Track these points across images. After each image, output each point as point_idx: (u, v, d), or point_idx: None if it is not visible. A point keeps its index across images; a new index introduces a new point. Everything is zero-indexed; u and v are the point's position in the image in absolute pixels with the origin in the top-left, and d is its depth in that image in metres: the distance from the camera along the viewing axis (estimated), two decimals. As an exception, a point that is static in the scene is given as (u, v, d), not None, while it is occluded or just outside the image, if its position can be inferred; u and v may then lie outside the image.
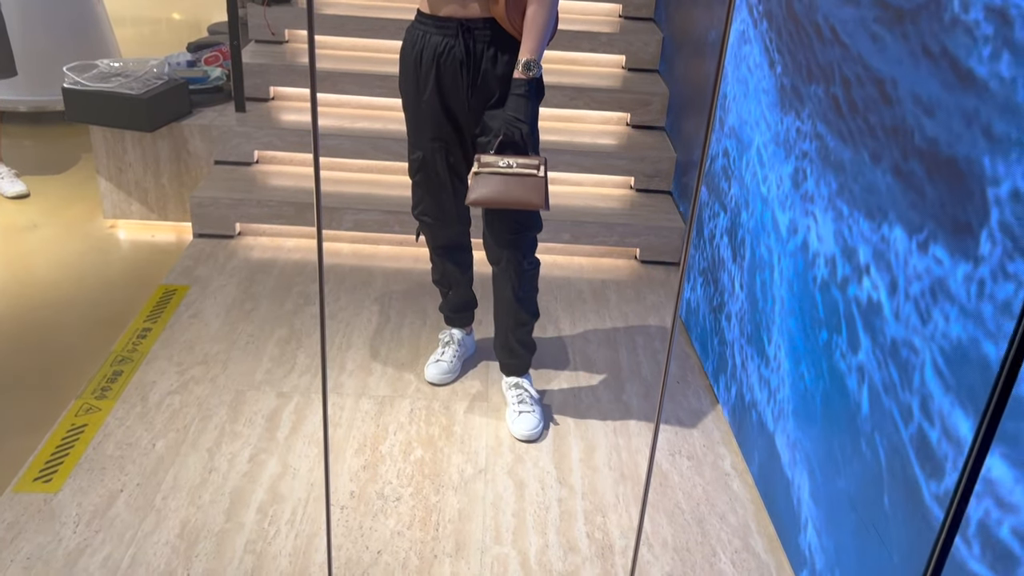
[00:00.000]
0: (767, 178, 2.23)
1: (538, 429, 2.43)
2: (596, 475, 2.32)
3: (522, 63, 2.08)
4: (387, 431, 2.41)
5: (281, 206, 3.41)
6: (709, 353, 2.76)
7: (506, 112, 2.11)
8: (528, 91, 2.10)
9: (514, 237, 2.29)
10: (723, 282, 2.63)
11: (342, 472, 2.25)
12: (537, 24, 2.07)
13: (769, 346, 2.20)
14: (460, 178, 2.32)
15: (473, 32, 2.11)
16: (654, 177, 3.67)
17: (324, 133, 3.61)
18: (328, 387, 2.56)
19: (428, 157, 2.29)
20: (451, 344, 2.69)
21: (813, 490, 1.94)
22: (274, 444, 2.35)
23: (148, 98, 3.42)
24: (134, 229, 3.68)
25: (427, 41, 2.15)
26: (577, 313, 3.09)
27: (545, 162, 2.10)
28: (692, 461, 2.40)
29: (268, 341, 2.79)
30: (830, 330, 1.82)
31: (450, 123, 2.23)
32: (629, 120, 3.92)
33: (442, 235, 2.45)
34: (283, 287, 3.12)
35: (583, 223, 3.42)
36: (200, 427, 2.39)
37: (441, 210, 2.38)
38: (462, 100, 2.19)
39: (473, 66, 2.14)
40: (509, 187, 2.08)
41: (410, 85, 2.23)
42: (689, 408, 2.61)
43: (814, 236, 1.91)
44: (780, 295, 2.11)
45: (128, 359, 2.66)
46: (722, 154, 2.65)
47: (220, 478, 2.21)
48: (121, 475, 2.20)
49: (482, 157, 2.11)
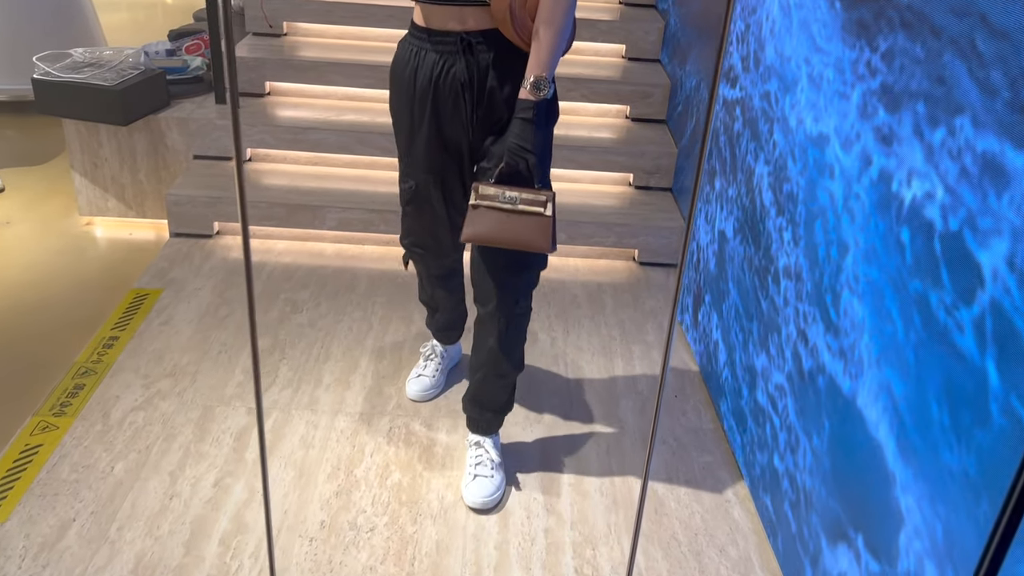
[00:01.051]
0: (821, 117, 1.90)
1: (494, 498, 2.11)
2: (586, 502, 2.16)
3: (529, 81, 1.76)
4: (363, 452, 2.26)
5: (271, 207, 3.24)
6: (710, 362, 2.59)
7: (509, 139, 1.80)
8: (536, 115, 1.77)
9: (511, 278, 1.98)
10: (767, 244, 2.21)
11: (312, 499, 2.10)
12: (548, 33, 1.75)
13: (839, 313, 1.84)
14: (458, 210, 2.03)
15: (475, 48, 1.81)
16: (654, 174, 3.49)
17: (308, 127, 3.44)
18: (303, 403, 2.41)
19: (422, 188, 2.01)
20: (434, 358, 2.50)
21: (822, 512, 1.78)
22: (243, 467, 2.19)
23: (122, 89, 3.25)
24: (111, 226, 3.52)
25: (422, 59, 1.85)
26: (571, 319, 2.92)
27: (553, 198, 1.81)
28: (690, 486, 2.24)
29: (244, 351, 2.63)
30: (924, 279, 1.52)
31: (449, 152, 1.95)
32: (629, 113, 3.74)
33: (435, 265, 2.21)
34: (268, 293, 2.96)
35: (579, 223, 3.25)
36: (163, 447, 2.23)
37: (435, 241, 2.12)
38: (463, 127, 1.90)
39: (476, 88, 1.84)
40: (509, 226, 1.81)
41: (403, 110, 1.94)
42: (687, 426, 2.45)
43: (897, 172, 1.57)
44: (853, 240, 1.75)
45: (92, 371, 2.51)
46: (759, 96, 2.30)
47: (181, 505, 2.06)
48: (75, 502, 2.05)
49: (480, 187, 1.83)
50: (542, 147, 1.84)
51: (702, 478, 2.27)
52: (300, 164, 3.54)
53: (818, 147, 1.87)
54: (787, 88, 2.08)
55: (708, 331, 2.63)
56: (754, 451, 2.19)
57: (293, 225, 3.27)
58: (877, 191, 1.60)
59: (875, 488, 1.55)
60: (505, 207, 1.81)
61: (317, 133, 3.44)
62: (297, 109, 3.61)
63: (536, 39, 1.76)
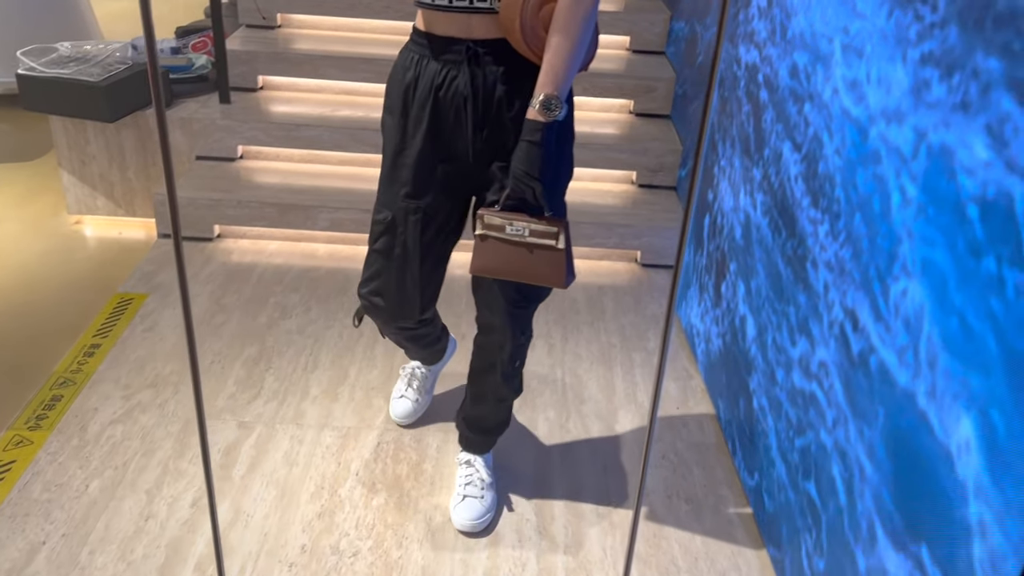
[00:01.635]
0: (864, 92, 1.67)
1: (483, 521, 2.01)
2: (581, 523, 2.07)
3: (538, 100, 1.54)
4: (349, 470, 2.16)
5: (263, 207, 3.14)
6: (735, 339, 2.41)
7: (514, 163, 1.58)
8: (544, 138, 1.55)
9: (515, 311, 1.83)
10: (800, 232, 1.96)
11: (294, 521, 2.01)
12: (563, 46, 1.52)
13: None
14: (439, 256, 1.80)
15: (481, 59, 1.61)
16: (658, 172, 3.37)
17: (302, 123, 3.34)
18: (288, 416, 2.31)
19: (400, 220, 1.73)
20: (415, 379, 2.32)
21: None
22: (228, 485, 2.10)
23: (106, 85, 3.15)
24: (100, 225, 3.43)
25: (423, 68, 1.65)
26: (569, 325, 2.82)
27: (567, 228, 1.62)
28: (691, 505, 2.14)
29: (235, 361, 2.54)
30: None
31: (442, 176, 1.72)
32: (632, 108, 3.62)
33: (392, 324, 1.91)
34: (259, 297, 2.86)
35: (579, 223, 3.13)
36: (141, 464, 2.14)
37: (400, 293, 1.80)
38: (463, 148, 1.68)
39: (481, 104, 1.63)
40: (519, 259, 1.64)
41: (394, 122, 1.72)
42: (689, 440, 2.34)
43: (958, 149, 1.37)
44: (905, 224, 1.53)
45: (70, 381, 2.42)
46: (787, 73, 2.07)
47: (157, 527, 1.97)
48: (46, 523, 1.96)
49: (486, 216, 1.65)
50: (554, 172, 1.65)
51: (703, 496, 2.16)
52: (293, 162, 3.43)
53: (860, 126, 1.66)
54: (820, 61, 1.87)
55: (734, 305, 2.38)
56: (769, 459, 2.08)
57: (285, 225, 3.17)
58: (934, 168, 1.41)
59: (941, 498, 1.40)
60: (513, 239, 1.64)
61: (311, 130, 3.34)
62: (291, 104, 3.51)
63: (549, 52, 1.54)
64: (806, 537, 1.78)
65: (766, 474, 2.03)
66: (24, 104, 3.29)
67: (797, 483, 1.84)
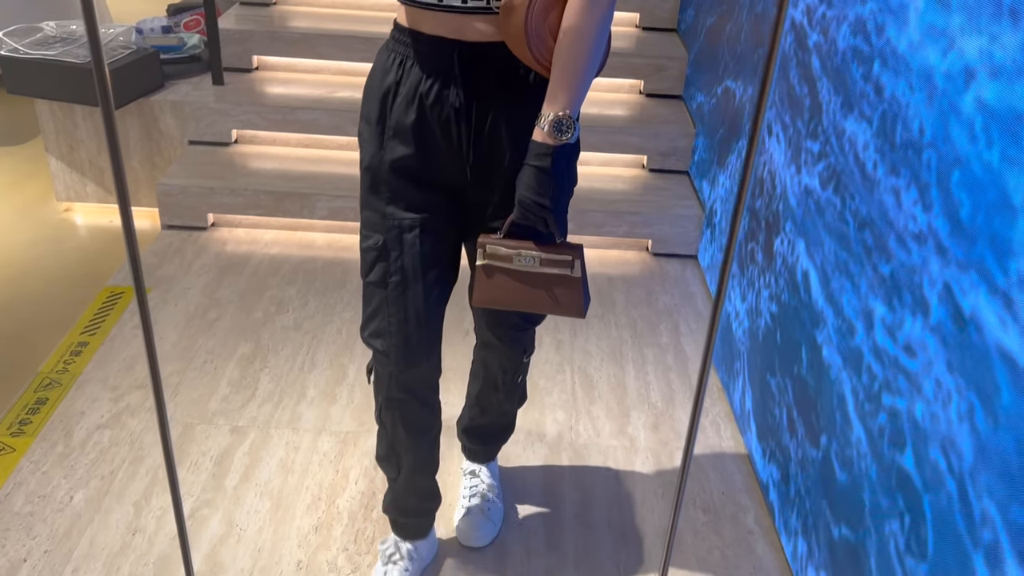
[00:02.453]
0: (954, 44, 1.35)
1: (488, 535, 1.89)
2: (592, 535, 1.96)
3: (547, 120, 1.32)
4: (348, 478, 2.05)
5: (258, 195, 3.02)
6: (796, 292, 2.20)
7: (521, 190, 1.37)
8: (556, 161, 1.34)
9: (517, 334, 1.69)
10: (881, 209, 1.60)
11: (290, 535, 1.90)
12: (576, 53, 1.30)
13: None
14: (444, 280, 1.54)
15: (475, 64, 1.36)
16: (670, 156, 3.24)
17: (299, 106, 3.20)
18: (284, 420, 2.20)
19: (394, 242, 1.46)
20: (398, 560, 1.78)
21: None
22: (221, 496, 1.99)
23: (95, 68, 3.00)
24: (91, 213, 3.31)
25: (406, 72, 1.39)
26: (577, 319, 2.70)
27: (581, 252, 1.44)
28: (708, 515, 2.03)
29: (229, 360, 2.42)
30: None
31: (436, 195, 1.47)
32: (642, 88, 3.47)
33: (403, 376, 1.57)
34: (254, 290, 2.75)
35: (587, 211, 3.01)
36: (129, 472, 2.04)
37: (405, 328, 1.51)
38: (455, 168, 1.44)
39: (476, 119, 1.39)
40: (530, 291, 1.46)
41: (372, 132, 1.45)
42: (705, 443, 2.23)
43: None
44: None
45: (56, 383, 2.31)
46: (849, 32, 1.75)
47: (145, 542, 1.87)
48: (27, 539, 1.86)
49: (488, 245, 1.44)
50: (562, 200, 1.43)
51: (721, 505, 2.05)
52: (290, 147, 3.30)
53: (953, 83, 1.37)
54: (892, 12, 1.58)
55: (791, 263, 2.03)
56: (845, 417, 1.95)
57: (282, 214, 3.04)
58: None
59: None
60: (523, 269, 1.45)
61: (308, 112, 3.20)
62: (287, 86, 3.37)
63: (559, 63, 1.32)
64: (892, 523, 1.58)
65: (838, 438, 1.81)
66: (8, 87, 3.15)
67: (882, 452, 1.55)
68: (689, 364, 2.52)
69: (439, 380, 1.66)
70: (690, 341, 2.62)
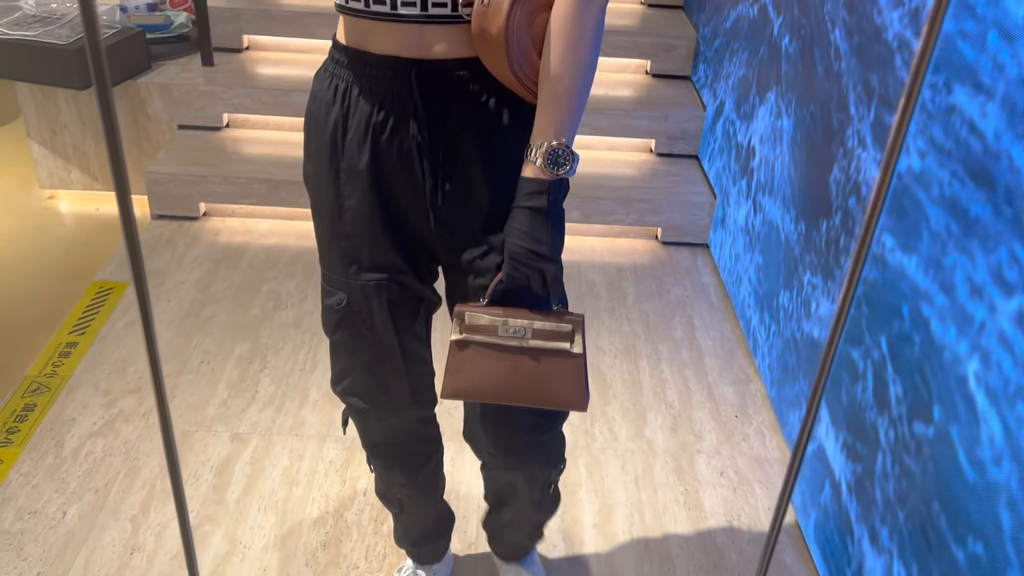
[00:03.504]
0: None
1: None
2: (614, 546, 1.87)
3: (539, 150, 1.10)
4: (355, 489, 1.96)
5: (251, 183, 2.89)
6: (774, 367, 2.24)
7: (511, 239, 1.13)
8: (553, 202, 1.11)
9: (534, 439, 1.33)
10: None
11: (296, 553, 1.80)
12: (571, 72, 1.08)
13: None
14: (417, 336, 1.32)
15: (438, 88, 1.11)
16: (679, 139, 3.13)
17: (292, 88, 3.07)
18: (287, 426, 2.10)
19: (360, 303, 1.25)
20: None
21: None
22: (223, 510, 1.89)
23: (77, 48, 2.86)
24: (76, 201, 3.17)
25: (352, 102, 1.15)
26: (589, 312, 2.60)
27: (582, 322, 1.19)
28: (755, 532, 1.93)
29: (226, 361, 2.31)
30: None
31: (399, 249, 1.23)
32: (649, 68, 3.35)
33: (380, 428, 1.40)
34: (250, 285, 2.63)
35: (594, 198, 2.90)
36: (125, 485, 1.93)
37: (383, 389, 1.33)
38: (421, 214, 1.20)
39: (443, 157, 1.15)
40: (519, 374, 1.18)
41: (322, 175, 1.21)
42: (751, 455, 2.13)
43: None
44: None
45: (44, 387, 2.19)
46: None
47: (144, 562, 1.77)
48: (19, 560, 1.75)
49: (467, 313, 1.19)
50: (558, 247, 1.15)
51: (768, 523, 1.96)
52: (284, 131, 3.17)
53: None
54: None
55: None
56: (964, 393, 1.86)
57: (277, 203, 2.92)
58: None
59: None
60: (511, 343, 1.18)
61: (302, 95, 3.06)
62: (279, 66, 3.23)
63: (549, 84, 1.08)
64: None
65: (947, 409, 1.77)
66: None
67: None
68: (705, 360, 2.43)
69: (435, 405, 1.45)
70: (705, 335, 2.53)
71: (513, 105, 1.14)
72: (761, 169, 2.41)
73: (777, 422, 2.20)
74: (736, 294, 2.59)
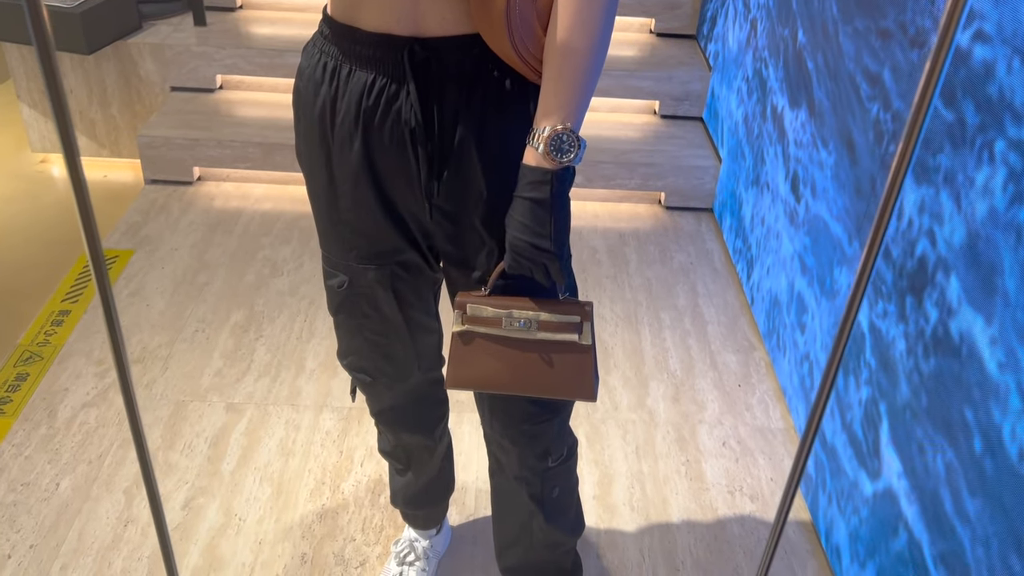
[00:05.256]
0: None
1: None
2: (615, 518, 1.85)
3: (541, 135, 1.01)
4: (352, 460, 1.93)
5: (245, 147, 2.83)
6: (780, 340, 2.22)
7: (512, 231, 1.06)
8: (557, 192, 1.03)
9: (532, 428, 1.28)
10: None
11: (292, 525, 1.78)
12: (579, 49, 0.99)
13: None
14: (424, 309, 1.30)
15: (433, 67, 1.04)
16: (683, 101, 3.06)
17: (287, 48, 2.99)
18: (283, 396, 2.07)
19: (362, 287, 1.23)
20: (413, 560, 1.65)
21: None
22: (218, 482, 1.87)
23: (82, 12, 2.78)
24: (68, 165, 3.11)
25: (342, 82, 1.08)
26: (590, 279, 2.56)
27: (591, 313, 1.13)
28: (757, 503, 1.91)
29: (221, 329, 2.27)
30: None
31: (399, 231, 1.18)
32: (653, 27, 3.27)
33: (389, 395, 1.38)
34: (245, 251, 2.58)
35: (597, 162, 2.84)
36: (119, 456, 1.91)
37: (390, 363, 1.33)
38: (417, 205, 1.14)
39: (439, 138, 1.07)
40: (524, 366, 1.14)
41: (315, 162, 1.15)
42: (754, 425, 2.10)
43: None
44: None
45: (37, 356, 2.16)
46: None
47: (138, 534, 1.75)
48: (11, 532, 1.73)
49: (469, 304, 1.14)
50: (566, 234, 1.08)
51: (770, 494, 1.94)
52: (279, 93, 3.10)
53: None
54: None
55: None
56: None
57: (272, 167, 2.86)
58: None
59: None
60: (516, 335, 1.13)
61: (297, 55, 2.99)
62: (274, 26, 3.15)
63: (554, 62, 1.00)
64: None
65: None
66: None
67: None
68: (708, 328, 2.39)
69: (442, 366, 1.42)
70: (708, 303, 2.49)
71: (516, 86, 1.06)
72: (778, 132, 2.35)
73: (781, 391, 2.16)
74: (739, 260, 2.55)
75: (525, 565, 1.50)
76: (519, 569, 1.52)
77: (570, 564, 1.52)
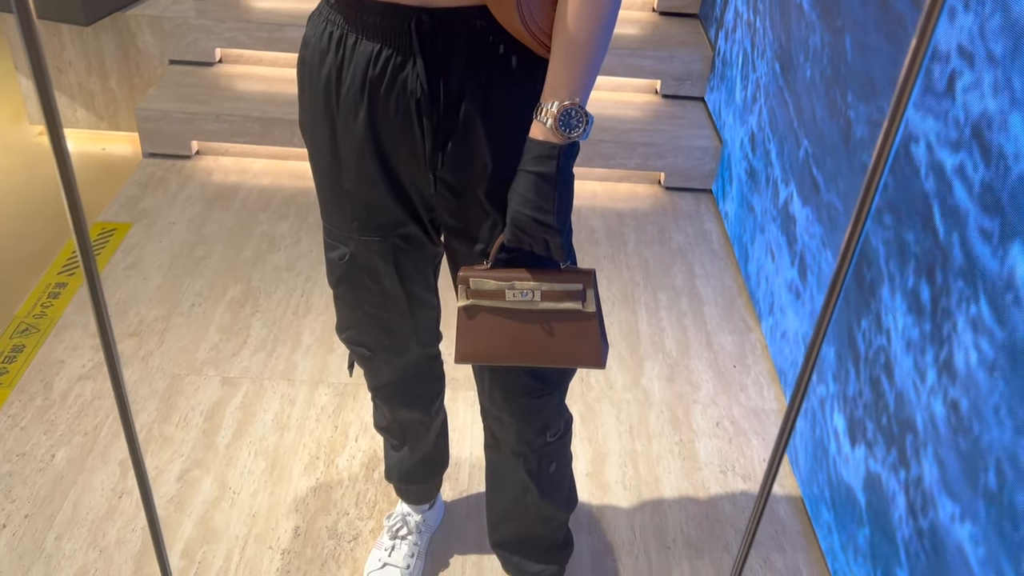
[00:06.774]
0: None
1: None
2: (607, 496, 1.86)
3: (548, 111, 1.01)
4: (347, 435, 1.94)
5: (244, 121, 2.82)
6: (772, 309, 2.22)
7: (514, 204, 1.06)
8: (562, 167, 1.03)
9: (532, 402, 1.29)
10: None
11: (286, 499, 1.79)
12: (588, 25, 0.98)
13: None
14: (424, 284, 1.30)
15: (440, 39, 1.02)
16: (685, 80, 3.04)
17: (286, 22, 2.98)
18: (278, 371, 2.08)
19: (363, 259, 1.23)
20: (407, 535, 1.65)
21: None
22: (213, 454, 1.87)
23: (69, -19, 2.77)
24: (81, 140, 3.11)
25: (347, 51, 1.06)
26: (588, 259, 2.55)
27: (594, 279, 1.13)
28: (749, 483, 1.92)
29: (218, 303, 2.28)
30: None
31: (402, 203, 1.17)
32: (656, 5, 3.25)
33: (387, 370, 1.39)
34: (243, 226, 2.58)
35: (597, 141, 2.83)
36: (115, 429, 1.92)
37: (389, 337, 1.33)
38: (421, 177, 1.13)
39: (444, 109, 1.06)
40: (530, 336, 1.14)
41: (319, 133, 1.14)
42: (748, 406, 2.10)
43: None
44: None
45: (33, 328, 2.17)
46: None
47: (133, 506, 1.76)
48: (7, 502, 1.74)
49: (472, 279, 1.13)
50: (568, 209, 1.08)
51: (762, 474, 1.94)
52: (278, 67, 3.09)
53: None
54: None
55: None
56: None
57: (271, 142, 2.85)
58: None
59: None
60: (520, 306, 1.13)
61: (297, 30, 2.98)
62: None
63: (564, 38, 0.99)
64: None
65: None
66: (-28, 0, 2.91)
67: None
68: (705, 309, 2.39)
69: (440, 341, 1.44)
70: (705, 284, 2.48)
71: (523, 59, 1.04)
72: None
73: (776, 373, 2.17)
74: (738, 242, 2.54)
75: (518, 539, 1.53)
76: (512, 543, 1.54)
77: (562, 539, 1.54)
